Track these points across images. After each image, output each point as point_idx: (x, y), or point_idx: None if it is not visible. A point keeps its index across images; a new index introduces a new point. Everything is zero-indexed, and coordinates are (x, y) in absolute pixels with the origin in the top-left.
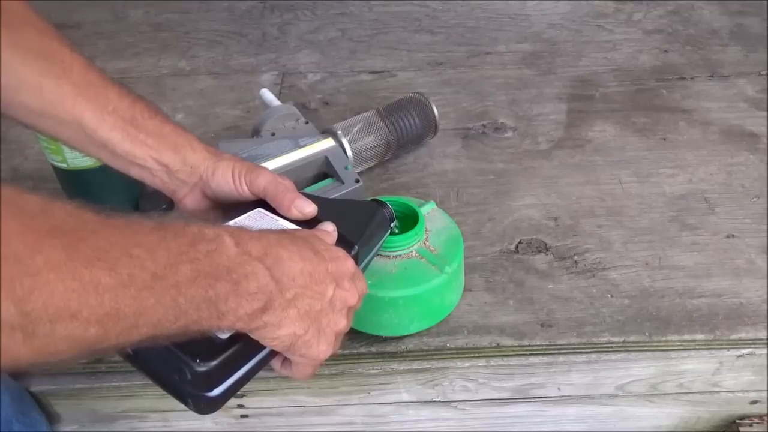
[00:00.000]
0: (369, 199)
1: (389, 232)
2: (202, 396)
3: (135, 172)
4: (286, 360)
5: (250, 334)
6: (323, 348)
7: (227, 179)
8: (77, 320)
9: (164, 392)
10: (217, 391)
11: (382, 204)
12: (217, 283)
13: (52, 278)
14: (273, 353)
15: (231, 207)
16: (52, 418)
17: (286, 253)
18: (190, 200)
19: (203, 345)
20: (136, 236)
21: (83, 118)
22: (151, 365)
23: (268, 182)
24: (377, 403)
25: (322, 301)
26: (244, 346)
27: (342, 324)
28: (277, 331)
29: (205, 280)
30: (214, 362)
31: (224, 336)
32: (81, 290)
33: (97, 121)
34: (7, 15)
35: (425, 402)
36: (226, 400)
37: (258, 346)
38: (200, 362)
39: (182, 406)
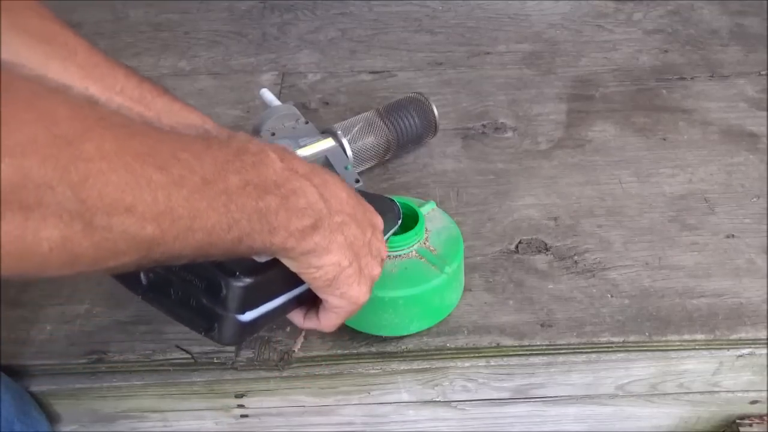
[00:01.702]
0: None
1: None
2: (233, 318)
3: None
4: (308, 313)
5: (295, 264)
6: (363, 290)
7: None
8: (133, 215)
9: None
10: (248, 316)
11: (392, 201)
12: (266, 195)
13: (105, 168)
14: (305, 296)
15: None
16: (52, 418)
17: (332, 179)
18: None
19: (242, 264)
20: (181, 142)
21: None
22: (171, 291)
23: None
24: (377, 403)
25: (363, 238)
26: (282, 273)
27: (377, 270)
28: (325, 256)
29: (254, 190)
30: (253, 279)
31: (262, 260)
32: (134, 184)
33: (105, 102)
34: (7, 1)
35: (425, 402)
36: (252, 333)
37: (295, 281)
38: (240, 275)
39: (182, 406)
